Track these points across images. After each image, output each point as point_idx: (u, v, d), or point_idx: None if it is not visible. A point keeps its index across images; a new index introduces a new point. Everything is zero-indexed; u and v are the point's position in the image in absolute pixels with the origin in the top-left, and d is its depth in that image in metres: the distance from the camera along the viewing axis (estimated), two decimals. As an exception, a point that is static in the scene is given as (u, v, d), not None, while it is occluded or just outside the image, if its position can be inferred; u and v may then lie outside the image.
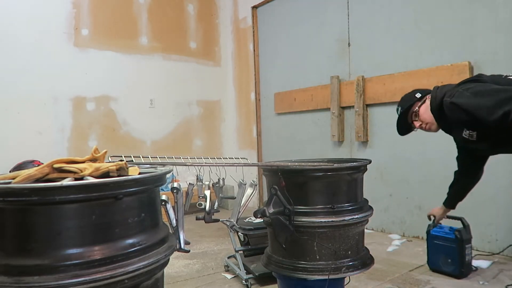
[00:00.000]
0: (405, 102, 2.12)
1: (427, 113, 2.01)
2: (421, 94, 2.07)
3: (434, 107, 1.94)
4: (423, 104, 2.04)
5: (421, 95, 2.07)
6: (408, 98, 2.11)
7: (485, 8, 3.02)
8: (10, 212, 0.99)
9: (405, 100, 2.13)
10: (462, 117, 1.78)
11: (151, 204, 1.17)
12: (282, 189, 1.71)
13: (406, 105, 2.09)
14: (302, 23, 4.64)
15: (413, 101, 2.07)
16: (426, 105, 2.02)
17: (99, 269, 0.97)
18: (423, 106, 2.04)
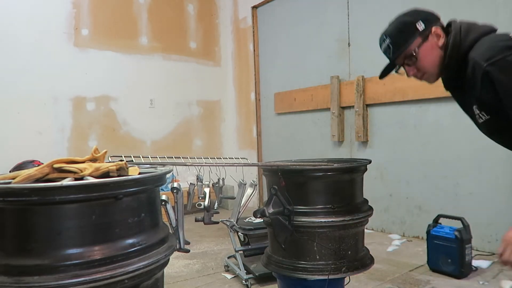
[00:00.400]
0: (399, 33, 1.44)
1: (430, 57, 1.39)
2: (424, 25, 1.38)
3: (453, 58, 1.35)
4: (425, 41, 1.38)
5: (425, 26, 1.38)
6: (405, 28, 1.42)
7: (485, 8, 3.02)
8: (10, 212, 0.99)
9: (400, 30, 1.44)
10: (488, 96, 1.24)
11: (151, 204, 1.17)
12: (282, 189, 1.71)
13: (401, 41, 1.42)
14: (302, 23, 4.64)
15: (412, 36, 1.39)
16: (431, 44, 1.38)
17: (99, 269, 0.97)
18: (426, 46, 1.38)
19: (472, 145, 3.09)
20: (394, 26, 1.48)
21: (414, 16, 1.44)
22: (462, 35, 1.34)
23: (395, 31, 1.46)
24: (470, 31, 1.34)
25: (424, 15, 1.43)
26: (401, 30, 1.44)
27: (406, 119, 3.61)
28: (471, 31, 1.34)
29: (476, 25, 1.36)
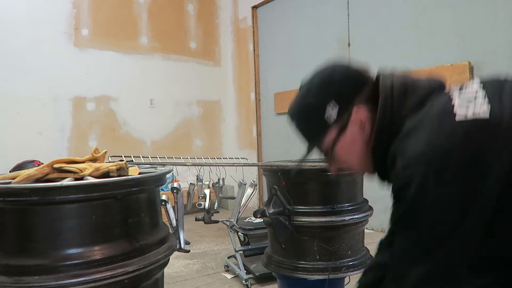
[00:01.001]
0: (304, 123, 1.01)
1: (352, 155, 0.98)
2: (338, 109, 0.94)
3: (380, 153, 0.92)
4: (342, 134, 0.95)
5: (340, 112, 0.94)
6: (311, 117, 0.98)
7: (485, 8, 3.02)
8: (10, 212, 0.99)
9: (305, 118, 1.01)
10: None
11: (151, 204, 1.16)
12: (282, 189, 1.71)
13: (308, 134, 1.02)
14: (302, 23, 4.64)
15: (321, 131, 0.96)
16: (352, 137, 0.95)
17: (99, 269, 0.97)
18: (345, 141, 0.96)
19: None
20: (298, 107, 1.01)
21: (324, 95, 0.95)
22: (395, 107, 0.89)
23: (300, 117, 1.01)
24: (405, 99, 0.89)
25: (339, 91, 0.95)
26: (307, 119, 0.99)
27: (406, 119, 3.61)
28: (407, 98, 0.89)
29: (415, 86, 0.91)
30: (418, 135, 0.80)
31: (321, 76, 0.99)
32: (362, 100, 0.93)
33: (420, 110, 0.85)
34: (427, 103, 0.86)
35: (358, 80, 0.96)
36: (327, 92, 0.95)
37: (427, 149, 0.77)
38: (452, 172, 0.74)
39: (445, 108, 0.81)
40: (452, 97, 0.83)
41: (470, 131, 0.75)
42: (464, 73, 3.04)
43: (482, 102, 0.78)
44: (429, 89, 0.90)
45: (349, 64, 1.01)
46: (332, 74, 0.98)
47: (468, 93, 0.82)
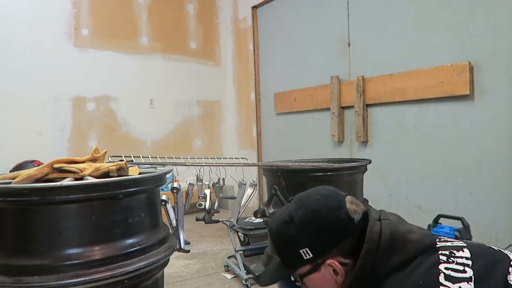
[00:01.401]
0: (281, 247, 0.99)
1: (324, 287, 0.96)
2: (313, 254, 0.93)
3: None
4: (315, 271, 0.94)
5: (314, 256, 0.93)
6: (288, 247, 0.96)
7: (485, 8, 3.02)
8: (10, 212, 0.99)
9: (282, 244, 0.99)
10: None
11: (151, 204, 1.17)
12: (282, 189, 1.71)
13: (282, 258, 1.00)
14: (302, 23, 4.64)
15: (295, 261, 0.95)
16: (324, 277, 0.94)
17: (99, 269, 0.97)
18: (317, 277, 0.95)
19: (472, 145, 3.09)
20: (279, 229, 0.98)
21: (301, 236, 0.93)
22: (378, 262, 0.86)
23: (278, 238, 0.99)
24: (390, 256, 0.86)
25: (316, 240, 0.92)
26: (284, 247, 0.97)
27: (406, 119, 3.61)
28: (393, 255, 0.86)
29: (404, 242, 0.88)
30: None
31: (306, 212, 0.95)
32: (338, 253, 0.91)
33: (403, 270, 0.84)
34: (412, 264, 0.84)
35: (340, 230, 0.92)
36: (304, 236, 0.93)
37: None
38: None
39: (430, 276, 0.80)
40: (440, 264, 0.83)
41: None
42: (464, 73, 3.04)
43: (468, 283, 0.78)
44: (419, 249, 0.87)
45: (340, 205, 0.94)
46: (315, 219, 0.93)
47: (457, 263, 0.83)
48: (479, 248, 0.89)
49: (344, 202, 0.94)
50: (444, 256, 0.85)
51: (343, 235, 0.91)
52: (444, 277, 0.79)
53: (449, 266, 0.82)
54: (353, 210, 0.93)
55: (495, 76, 2.93)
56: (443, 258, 0.84)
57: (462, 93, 3.04)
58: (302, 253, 0.92)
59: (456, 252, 0.86)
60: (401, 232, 0.89)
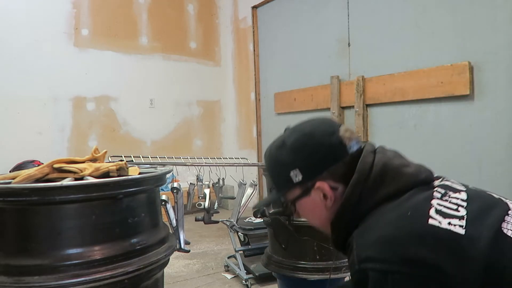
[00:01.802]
0: (274, 172, 1.01)
1: (313, 216, 0.99)
2: (303, 176, 0.93)
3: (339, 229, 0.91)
4: (305, 196, 0.95)
5: (303, 178, 0.93)
6: (279, 170, 0.98)
7: (485, 8, 3.02)
8: (10, 212, 0.99)
9: (274, 168, 1.01)
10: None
11: (151, 204, 1.17)
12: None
13: (276, 183, 1.02)
14: (302, 23, 4.64)
15: (285, 185, 0.97)
16: (313, 202, 0.94)
17: (99, 269, 0.97)
18: (307, 202, 0.96)
19: (472, 145, 3.09)
20: (271, 154, 1.02)
21: (292, 158, 0.94)
22: (366, 192, 0.85)
23: (270, 164, 1.02)
24: (380, 187, 0.85)
25: (306, 162, 0.92)
26: (275, 170, 1.00)
27: (406, 119, 3.61)
28: (383, 186, 0.85)
29: (398, 174, 0.86)
30: (383, 230, 0.76)
31: (298, 136, 0.97)
32: (329, 176, 0.91)
33: (392, 201, 0.82)
34: (403, 196, 0.82)
35: (331, 154, 0.91)
36: (295, 158, 0.94)
37: (389, 248, 0.73)
38: (410, 276, 0.70)
39: (420, 208, 0.77)
40: (433, 199, 0.79)
41: (440, 238, 0.72)
42: (464, 73, 3.04)
43: (460, 220, 0.74)
44: (411, 182, 0.85)
45: (333, 131, 0.93)
46: (307, 141, 0.94)
47: (451, 202, 0.79)
48: (478, 193, 0.85)
49: (338, 129, 0.93)
50: (439, 193, 0.82)
51: (334, 159, 0.91)
52: (435, 211, 0.76)
53: (442, 203, 0.79)
54: (346, 136, 0.92)
55: (495, 76, 2.92)
56: (437, 195, 0.81)
57: (462, 93, 3.04)
58: (292, 176, 0.93)
59: (453, 193, 0.82)
60: (395, 164, 0.88)
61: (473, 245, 0.71)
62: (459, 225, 0.73)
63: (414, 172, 0.87)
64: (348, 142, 0.92)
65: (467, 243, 0.71)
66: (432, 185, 0.86)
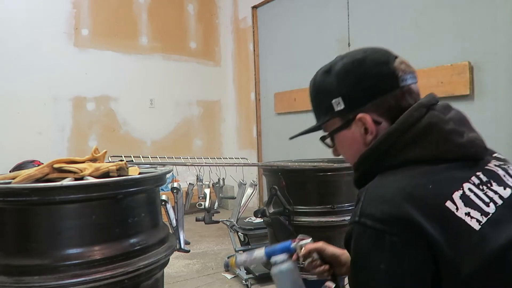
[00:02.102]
0: (316, 98, 0.94)
1: (350, 151, 0.90)
2: (345, 105, 0.85)
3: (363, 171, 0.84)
4: (346, 128, 0.87)
5: (345, 107, 0.85)
6: (321, 97, 0.91)
7: (485, 8, 3.02)
8: (10, 212, 0.99)
9: (317, 95, 0.94)
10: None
11: (151, 204, 1.16)
12: (282, 189, 1.71)
13: (316, 110, 0.95)
14: (302, 23, 4.64)
15: (326, 113, 0.90)
16: (353, 136, 0.86)
17: (99, 269, 0.97)
18: (346, 135, 0.88)
19: (472, 145, 3.10)
20: (318, 78, 0.94)
21: (336, 85, 0.86)
22: (397, 145, 0.77)
23: (314, 91, 0.95)
24: (418, 143, 0.76)
25: (351, 90, 0.84)
26: (318, 97, 0.93)
27: (406, 119, 3.61)
28: (421, 144, 0.76)
29: (443, 137, 0.75)
30: (397, 193, 0.69)
31: (347, 62, 0.87)
32: (373, 108, 0.82)
33: (427, 165, 0.73)
34: (436, 166, 0.73)
35: (379, 85, 0.81)
36: (340, 85, 0.86)
37: (395, 213, 0.67)
38: (407, 243, 0.66)
39: (445, 185, 0.70)
40: (466, 182, 0.71)
41: (449, 224, 0.66)
42: (464, 73, 3.04)
43: (482, 215, 0.68)
44: (455, 153, 0.74)
45: (387, 60, 0.83)
46: (355, 68, 0.85)
47: (486, 194, 0.71)
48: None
49: (393, 59, 0.83)
50: (478, 180, 0.72)
51: (382, 90, 0.81)
52: (460, 195, 0.68)
53: (475, 190, 0.70)
54: (400, 68, 0.81)
55: (495, 76, 2.92)
56: (475, 181, 0.72)
57: (462, 93, 3.04)
58: (334, 104, 0.85)
59: (496, 185, 0.72)
60: (445, 129, 0.75)
61: (482, 244, 0.65)
62: (476, 219, 0.67)
63: (464, 143, 0.74)
64: (401, 74, 0.81)
65: (476, 239, 0.65)
66: (480, 165, 0.75)
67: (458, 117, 0.79)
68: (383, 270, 0.67)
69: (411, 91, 0.82)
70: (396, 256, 0.66)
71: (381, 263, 0.67)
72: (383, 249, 0.67)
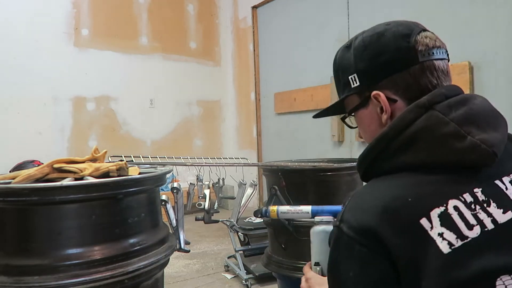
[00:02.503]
0: (337, 72, 0.90)
1: (367, 130, 0.84)
2: (360, 81, 0.81)
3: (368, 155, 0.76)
4: (364, 107, 0.82)
5: (360, 83, 0.80)
6: (342, 70, 0.87)
7: (485, 8, 3.02)
8: (10, 212, 0.99)
9: (337, 68, 0.90)
10: None
11: (151, 204, 1.17)
12: (282, 189, 1.71)
13: (337, 84, 0.90)
14: (302, 23, 4.64)
15: (344, 88, 0.86)
16: (371, 114, 0.81)
17: (99, 269, 0.97)
18: (364, 114, 0.83)
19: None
20: (340, 53, 0.90)
21: (353, 61, 0.82)
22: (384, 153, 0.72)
23: (334, 68, 0.91)
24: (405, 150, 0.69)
25: (366, 65, 0.79)
26: (337, 73, 0.89)
27: (406, 119, 3.61)
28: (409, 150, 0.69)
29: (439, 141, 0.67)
30: (375, 202, 0.65)
31: (367, 35, 0.83)
32: (389, 85, 0.76)
33: (418, 173, 0.67)
34: (426, 175, 0.66)
35: (397, 60, 0.75)
36: (356, 60, 0.81)
37: (367, 222, 0.64)
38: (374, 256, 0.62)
39: (426, 200, 0.63)
40: (453, 199, 0.62)
41: (418, 240, 0.60)
42: (464, 73, 3.04)
43: (457, 239, 0.60)
44: (449, 161, 0.66)
45: (409, 33, 0.76)
46: (373, 42, 0.79)
47: (475, 216, 0.62)
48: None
49: (417, 32, 0.76)
50: (472, 197, 0.63)
51: (398, 65, 0.74)
52: (439, 213, 0.61)
53: (462, 209, 0.61)
54: (423, 42, 0.75)
55: (495, 76, 2.92)
56: (467, 198, 0.62)
57: (462, 93, 3.04)
58: (351, 80, 0.81)
59: (494, 207, 0.62)
60: (439, 132, 0.66)
61: (446, 269, 0.58)
62: (448, 242, 0.59)
63: (462, 148, 0.65)
64: (423, 48, 0.74)
65: (440, 263, 0.58)
66: (485, 178, 0.65)
67: (472, 114, 0.69)
68: (351, 278, 0.65)
69: (434, 67, 0.75)
70: (363, 266, 0.64)
71: (350, 271, 0.66)
72: (352, 257, 0.65)
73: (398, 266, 0.60)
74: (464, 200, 0.62)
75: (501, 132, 0.69)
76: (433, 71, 0.75)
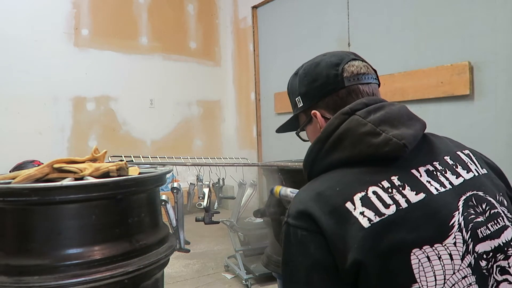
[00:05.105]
0: (290, 95, 1.05)
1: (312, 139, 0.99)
2: (303, 102, 0.96)
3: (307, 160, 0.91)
4: (310, 123, 0.97)
5: (303, 105, 0.96)
6: (291, 93, 1.03)
7: (485, 8, 3.02)
8: (10, 212, 0.99)
9: (289, 92, 1.05)
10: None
11: (151, 204, 1.17)
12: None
13: (292, 106, 1.04)
14: (302, 23, 4.64)
15: (295, 108, 1.01)
16: (315, 128, 0.95)
17: (99, 269, 0.97)
18: (310, 129, 0.99)
19: (472, 145, 3.08)
20: (288, 84, 1.06)
21: (297, 86, 0.98)
22: (320, 154, 0.85)
23: (287, 91, 1.06)
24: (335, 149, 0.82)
25: (306, 90, 0.95)
26: (289, 96, 1.04)
27: (406, 119, 3.61)
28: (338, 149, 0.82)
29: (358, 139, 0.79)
30: (308, 193, 0.79)
31: (307, 65, 1.00)
32: (323, 106, 0.91)
33: (347, 167, 0.78)
34: (356, 169, 0.77)
35: (326, 85, 0.91)
36: (299, 85, 0.97)
37: (301, 211, 0.76)
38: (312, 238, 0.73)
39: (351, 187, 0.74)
40: (372, 186, 0.73)
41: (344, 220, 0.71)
42: (464, 73, 3.04)
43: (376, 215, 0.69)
44: (368, 154, 0.77)
45: (338, 63, 0.91)
46: (311, 70, 0.97)
47: (392, 197, 0.72)
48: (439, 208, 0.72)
49: (346, 61, 0.91)
50: (389, 183, 0.73)
51: (328, 89, 0.90)
52: (361, 197, 0.71)
53: (380, 192, 0.72)
54: (349, 70, 0.90)
55: (495, 76, 2.93)
56: (385, 184, 0.73)
57: (462, 93, 3.04)
58: (297, 102, 0.98)
59: (408, 190, 0.73)
60: (359, 131, 0.78)
61: (366, 239, 0.67)
62: (368, 218, 0.69)
63: (376, 143, 0.76)
64: (349, 75, 0.89)
65: (361, 235, 0.68)
66: (401, 169, 0.76)
67: (387, 116, 0.80)
68: (299, 262, 0.75)
69: (359, 90, 0.89)
70: (306, 248, 0.73)
71: (298, 256, 0.75)
72: (298, 242, 0.75)
73: (329, 242, 0.71)
74: (382, 186, 0.73)
75: (414, 129, 0.81)
76: (358, 93, 0.89)
